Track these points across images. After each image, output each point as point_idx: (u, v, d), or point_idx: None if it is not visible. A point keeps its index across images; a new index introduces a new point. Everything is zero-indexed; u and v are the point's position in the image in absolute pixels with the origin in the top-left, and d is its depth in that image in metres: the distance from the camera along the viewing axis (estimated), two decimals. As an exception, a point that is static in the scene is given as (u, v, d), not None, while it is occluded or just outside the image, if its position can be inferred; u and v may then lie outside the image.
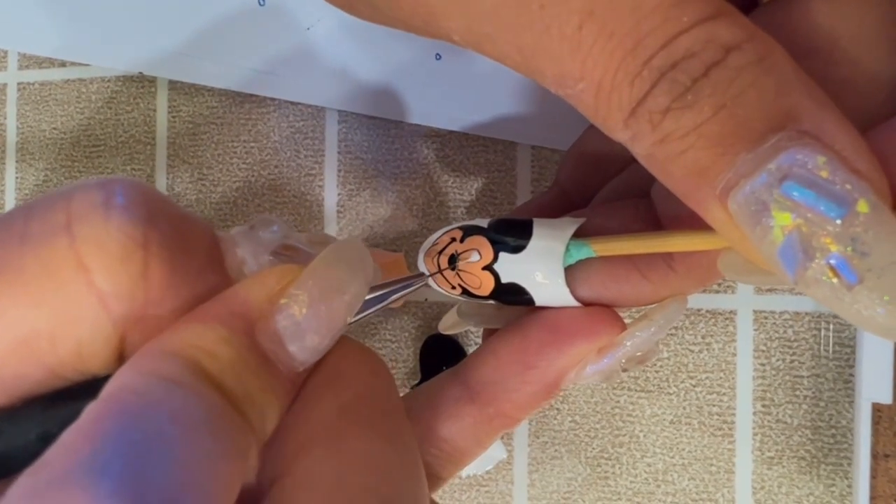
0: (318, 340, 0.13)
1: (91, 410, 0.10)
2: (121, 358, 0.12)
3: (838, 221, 0.11)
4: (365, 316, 0.15)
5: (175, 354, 0.11)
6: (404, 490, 0.12)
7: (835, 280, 0.11)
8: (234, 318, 0.12)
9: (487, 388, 0.18)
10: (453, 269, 0.18)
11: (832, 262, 0.11)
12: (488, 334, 0.21)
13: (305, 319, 0.12)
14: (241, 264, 0.13)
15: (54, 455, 0.10)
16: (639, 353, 0.17)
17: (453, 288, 0.19)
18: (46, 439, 0.10)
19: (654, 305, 0.18)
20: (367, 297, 0.15)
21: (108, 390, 0.11)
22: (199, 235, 0.13)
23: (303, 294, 0.12)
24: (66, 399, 0.12)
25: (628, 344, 0.17)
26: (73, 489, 0.09)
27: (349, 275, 0.13)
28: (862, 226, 0.11)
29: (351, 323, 0.13)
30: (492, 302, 0.19)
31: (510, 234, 0.18)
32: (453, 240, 0.19)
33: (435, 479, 0.19)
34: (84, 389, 0.11)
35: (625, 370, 0.18)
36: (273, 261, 0.14)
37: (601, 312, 0.18)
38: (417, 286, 0.16)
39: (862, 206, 0.11)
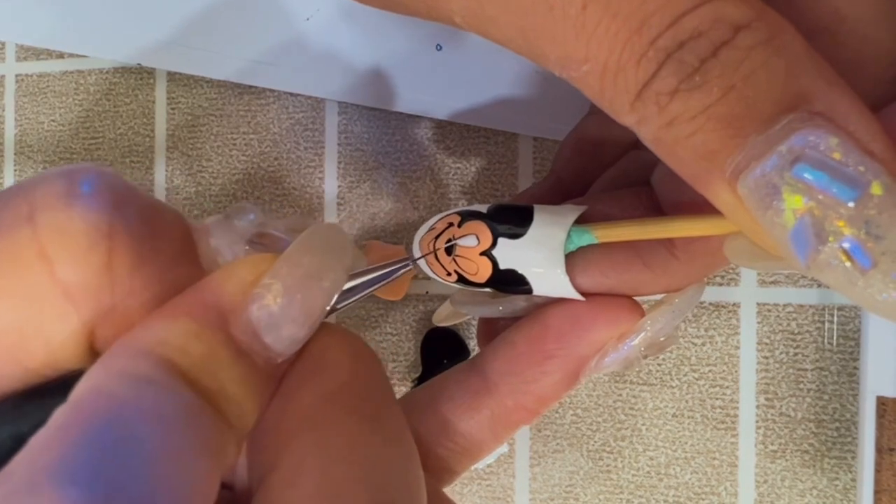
0: (295, 331, 0.12)
1: (59, 414, 0.10)
2: (93, 353, 0.12)
3: (851, 204, 0.11)
4: (349, 304, 0.14)
5: (146, 352, 0.11)
6: (394, 476, 0.12)
7: (848, 264, 0.11)
8: (206, 311, 0.12)
9: (506, 380, 0.18)
10: (449, 253, 0.18)
11: (845, 245, 0.11)
12: (484, 326, 0.21)
13: (280, 309, 0.12)
14: (216, 254, 0.13)
15: (20, 462, 0.09)
16: (661, 339, 0.17)
17: (449, 275, 0.18)
18: (18, 439, 0.10)
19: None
20: (350, 285, 0.14)
21: (77, 392, 0.10)
22: (169, 225, 0.13)
23: (277, 283, 0.12)
24: (39, 397, 0.12)
25: (648, 327, 0.17)
26: (38, 498, 0.09)
27: (326, 261, 0.13)
28: (876, 208, 0.11)
29: (333, 311, 0.13)
30: (487, 290, 0.18)
31: (510, 219, 0.17)
32: (450, 224, 0.18)
33: (449, 474, 0.19)
34: (58, 387, 0.11)
35: (645, 357, 0.17)
36: (248, 250, 0.13)
37: (620, 299, 0.17)
38: (403, 271, 0.16)
39: (876, 189, 0.11)
